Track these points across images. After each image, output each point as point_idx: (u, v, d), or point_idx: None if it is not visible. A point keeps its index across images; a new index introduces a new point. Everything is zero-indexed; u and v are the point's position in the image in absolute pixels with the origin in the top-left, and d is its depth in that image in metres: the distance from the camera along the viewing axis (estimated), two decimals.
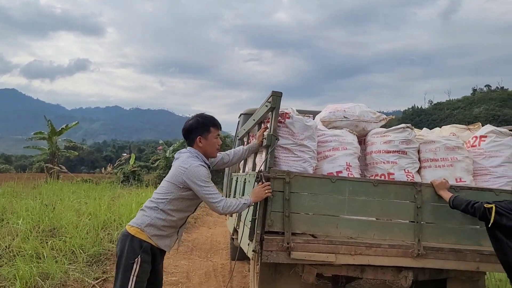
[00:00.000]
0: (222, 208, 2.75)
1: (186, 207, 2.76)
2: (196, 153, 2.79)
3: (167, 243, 2.75)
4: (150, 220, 2.64)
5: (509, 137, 3.66)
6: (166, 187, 2.72)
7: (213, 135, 2.85)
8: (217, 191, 2.77)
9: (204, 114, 2.94)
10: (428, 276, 3.50)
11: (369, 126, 3.84)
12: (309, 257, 3.02)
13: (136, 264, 2.56)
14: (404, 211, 3.22)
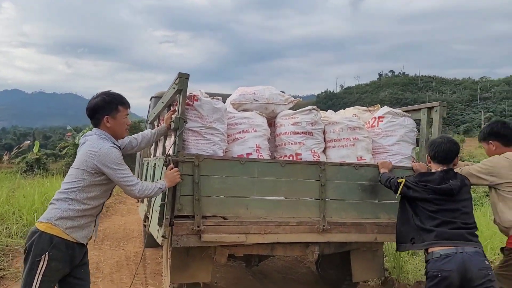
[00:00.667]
0: (138, 192, 2.59)
1: (101, 193, 2.55)
2: (104, 134, 2.58)
3: (84, 234, 2.51)
4: (61, 212, 2.40)
5: (403, 118, 3.97)
6: (75, 174, 2.48)
7: (122, 115, 2.64)
8: (132, 173, 2.64)
9: (110, 91, 2.69)
10: (333, 250, 3.73)
11: (278, 108, 3.93)
12: (220, 239, 3.04)
13: (43, 261, 2.32)
14: (310, 190, 3.36)
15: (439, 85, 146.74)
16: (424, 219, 2.68)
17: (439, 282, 2.48)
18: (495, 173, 2.91)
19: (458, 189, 2.66)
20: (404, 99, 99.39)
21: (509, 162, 2.91)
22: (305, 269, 5.27)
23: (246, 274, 4.98)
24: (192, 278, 3.50)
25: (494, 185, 2.95)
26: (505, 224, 2.89)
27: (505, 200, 2.90)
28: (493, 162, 2.96)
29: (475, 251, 2.49)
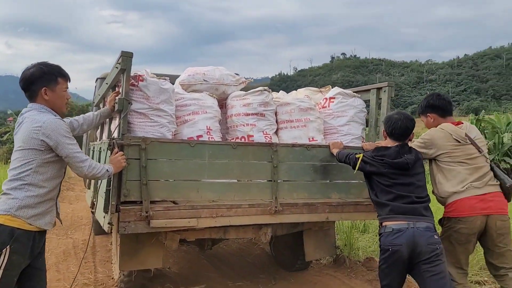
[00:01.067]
0: (87, 169, 2.40)
1: (56, 172, 2.34)
2: (44, 108, 2.34)
3: (48, 220, 2.30)
4: (20, 201, 2.16)
5: (353, 98, 4.00)
6: (23, 156, 2.24)
7: (62, 87, 2.40)
8: (81, 150, 2.47)
9: (48, 62, 2.45)
10: (286, 231, 3.74)
11: (229, 89, 3.84)
12: (170, 224, 2.95)
13: (4, 256, 2.12)
14: (262, 171, 3.33)
15: (388, 68, 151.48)
16: (379, 193, 2.73)
17: (389, 256, 2.56)
18: (434, 145, 2.98)
19: (412, 163, 2.70)
20: (356, 82, 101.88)
21: (444, 133, 2.97)
22: (259, 250, 5.29)
23: (200, 258, 4.93)
24: (142, 264, 3.40)
25: (434, 157, 3.02)
26: (442, 194, 2.96)
27: (443, 171, 2.97)
28: (430, 135, 3.04)
29: (426, 226, 2.55)
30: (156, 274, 4.08)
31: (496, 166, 3.06)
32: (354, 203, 3.56)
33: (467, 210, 2.83)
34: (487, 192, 2.87)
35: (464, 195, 2.86)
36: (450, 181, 2.94)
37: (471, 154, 2.95)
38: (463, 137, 2.96)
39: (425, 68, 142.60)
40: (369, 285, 3.92)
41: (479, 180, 2.88)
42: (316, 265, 4.67)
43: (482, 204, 2.83)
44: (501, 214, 2.86)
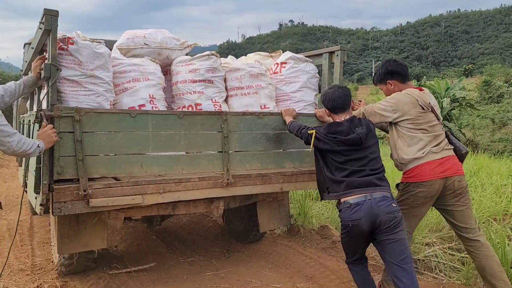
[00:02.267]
0: (16, 144, 2.19)
1: None
2: None
3: None
4: None
5: (305, 63, 3.83)
6: None
7: None
8: (8, 123, 2.15)
9: None
10: (239, 203, 3.59)
11: (173, 54, 3.53)
12: (112, 202, 2.70)
13: None
14: (212, 142, 3.12)
15: (335, 35, 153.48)
16: (334, 170, 2.63)
17: (350, 230, 2.52)
18: (399, 109, 2.91)
19: (365, 136, 2.61)
20: (304, 49, 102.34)
21: (410, 98, 2.91)
22: (212, 223, 5.14)
23: (149, 234, 4.70)
24: (85, 246, 3.15)
25: (396, 121, 2.96)
26: (402, 160, 2.93)
27: (404, 137, 2.93)
28: (396, 99, 2.96)
29: (382, 196, 2.49)
30: (102, 254, 3.83)
31: (450, 133, 3.08)
32: (308, 172, 3.45)
33: (427, 174, 2.83)
34: (444, 156, 2.89)
35: (423, 160, 2.85)
36: (411, 147, 2.89)
37: (431, 121, 2.93)
38: (428, 103, 2.92)
39: (370, 35, 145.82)
40: (323, 253, 3.89)
41: (437, 146, 2.89)
42: (271, 235, 4.60)
43: (441, 168, 2.85)
44: (458, 174, 2.90)
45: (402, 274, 2.42)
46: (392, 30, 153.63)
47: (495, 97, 29.16)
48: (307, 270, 3.60)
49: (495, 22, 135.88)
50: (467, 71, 56.39)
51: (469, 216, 2.93)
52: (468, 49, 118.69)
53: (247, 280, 3.44)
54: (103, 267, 3.61)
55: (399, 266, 2.43)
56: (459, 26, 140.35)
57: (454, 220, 2.95)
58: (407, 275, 2.41)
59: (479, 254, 2.88)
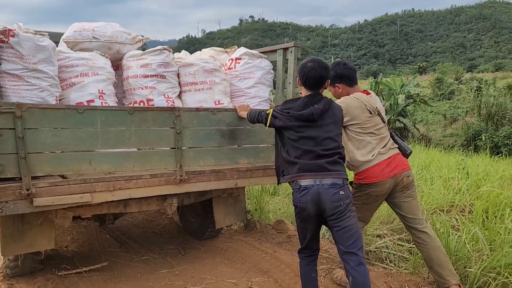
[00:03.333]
0: None
1: None
2: None
3: None
4: None
5: (260, 59, 3.84)
6: None
7: None
8: None
9: None
10: (194, 200, 3.56)
11: (124, 48, 3.43)
12: (59, 201, 2.60)
13: None
14: (164, 138, 3.06)
15: (295, 32, 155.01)
16: (290, 150, 2.60)
17: (299, 212, 2.57)
18: (349, 113, 2.96)
19: (319, 113, 2.55)
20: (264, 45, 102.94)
21: (359, 103, 2.98)
22: (168, 220, 5.07)
23: (102, 233, 4.58)
24: (30, 247, 3.03)
25: (346, 125, 3.02)
26: (353, 163, 3.02)
27: (353, 140, 3.01)
28: (346, 103, 3.01)
29: (331, 183, 2.49)
30: (50, 255, 3.70)
31: (395, 133, 3.19)
32: (263, 167, 3.47)
33: (377, 175, 2.94)
34: (391, 155, 3.00)
35: (373, 163, 2.95)
36: (360, 150, 2.98)
37: (378, 124, 3.02)
38: (375, 108, 3.02)
39: (330, 32, 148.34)
40: (279, 247, 3.93)
41: (384, 147, 3.00)
42: (227, 231, 4.59)
43: (389, 168, 2.96)
44: (406, 170, 3.03)
45: (350, 257, 2.48)
46: (350, 28, 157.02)
47: (446, 94, 30.51)
48: (263, 264, 3.62)
49: (447, 22, 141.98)
50: (421, 68, 58.67)
51: (416, 207, 3.07)
52: (422, 47, 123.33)
53: (202, 277, 3.42)
54: (51, 269, 3.48)
55: (348, 251, 2.49)
56: (414, 25, 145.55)
57: (403, 212, 3.07)
58: (354, 258, 2.47)
59: (426, 245, 3.00)
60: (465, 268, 3.23)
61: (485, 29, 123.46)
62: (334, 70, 3.14)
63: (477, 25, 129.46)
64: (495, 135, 14.87)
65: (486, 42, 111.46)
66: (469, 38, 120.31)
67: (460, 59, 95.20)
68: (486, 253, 3.34)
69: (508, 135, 14.22)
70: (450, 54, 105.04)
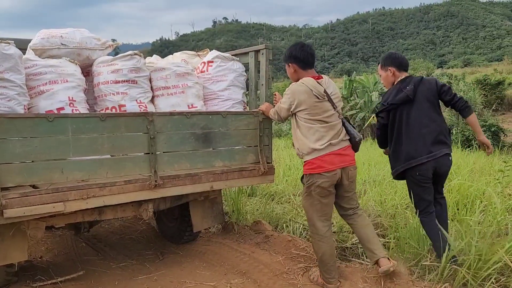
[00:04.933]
0: None
1: None
2: None
3: None
4: None
5: (232, 62, 3.86)
6: None
7: None
8: None
9: None
10: (170, 204, 3.55)
11: (94, 54, 3.40)
12: (30, 212, 2.56)
13: None
14: (138, 144, 3.05)
15: (269, 32, 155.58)
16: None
17: (424, 179, 3.33)
18: (295, 99, 3.03)
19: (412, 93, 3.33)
20: (239, 46, 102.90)
21: (304, 88, 3.02)
22: (145, 226, 5.03)
23: (78, 241, 4.51)
24: (3, 260, 2.96)
25: (294, 112, 3.09)
26: (302, 150, 3.09)
27: (302, 127, 3.07)
28: (291, 90, 3.09)
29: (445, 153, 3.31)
30: (24, 267, 3.62)
31: (346, 120, 3.25)
32: (238, 169, 3.49)
33: (328, 164, 3.02)
34: (342, 147, 3.10)
35: (324, 152, 3.03)
36: (308, 138, 3.05)
37: (327, 111, 3.07)
38: (322, 93, 3.05)
39: (303, 32, 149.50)
40: (257, 248, 3.95)
41: (336, 138, 3.07)
42: (205, 234, 4.59)
43: (339, 158, 3.07)
44: (352, 164, 3.17)
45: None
46: (323, 27, 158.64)
47: None
48: (241, 266, 3.64)
49: (416, 20, 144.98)
50: None
51: (353, 199, 3.28)
52: (393, 45, 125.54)
53: (181, 281, 3.41)
54: (26, 280, 3.41)
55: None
56: (385, 23, 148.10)
57: (342, 203, 3.25)
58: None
59: (356, 224, 3.26)
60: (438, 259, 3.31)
61: (453, 26, 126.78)
62: (290, 50, 3.22)
63: (446, 22, 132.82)
64: (466, 129, 15.28)
65: (455, 39, 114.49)
66: (438, 35, 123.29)
67: (431, 55, 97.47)
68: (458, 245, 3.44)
69: None
70: (421, 51, 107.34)
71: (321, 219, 3.10)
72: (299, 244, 3.80)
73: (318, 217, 3.10)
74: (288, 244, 3.85)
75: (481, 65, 50.49)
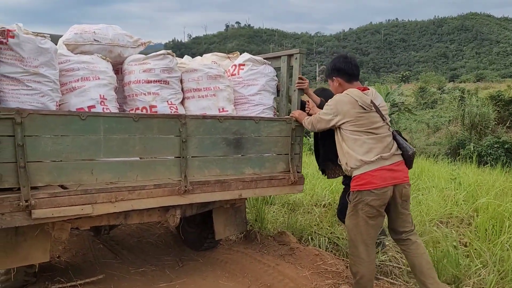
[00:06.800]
0: None
1: None
2: None
3: None
4: None
5: (264, 65, 3.74)
6: None
7: None
8: None
9: None
10: (196, 211, 3.43)
11: (125, 51, 3.29)
12: (58, 213, 2.45)
13: None
14: (169, 147, 2.93)
15: (281, 39, 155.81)
16: None
17: None
18: (339, 111, 2.88)
19: None
20: (250, 51, 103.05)
21: (349, 98, 2.87)
22: (163, 229, 4.90)
23: (96, 243, 4.39)
24: (24, 260, 2.84)
25: (339, 124, 2.92)
26: (351, 164, 2.88)
27: (348, 140, 2.89)
28: (335, 100, 2.94)
29: None
30: (43, 266, 3.50)
31: (398, 133, 3.03)
32: (268, 178, 3.36)
33: (379, 181, 2.79)
34: (394, 162, 2.87)
35: (374, 166, 2.81)
36: (356, 150, 2.86)
37: (376, 122, 2.88)
38: (369, 104, 2.87)
39: (315, 40, 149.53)
40: (281, 260, 3.80)
41: (387, 151, 2.85)
42: (226, 242, 4.45)
43: (391, 174, 2.82)
44: (406, 182, 2.91)
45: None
46: (335, 36, 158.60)
47: (429, 103, 30.88)
48: (265, 278, 3.50)
49: (429, 32, 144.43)
50: (404, 77, 59.38)
51: (408, 220, 2.99)
52: (405, 57, 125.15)
53: None
54: (44, 281, 3.30)
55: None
56: (397, 35, 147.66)
57: (395, 226, 3.00)
58: None
59: (410, 252, 2.96)
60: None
61: (467, 40, 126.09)
62: (333, 63, 3.09)
63: (459, 36, 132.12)
64: (478, 145, 15.04)
65: (468, 53, 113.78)
66: (451, 49, 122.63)
67: (443, 68, 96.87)
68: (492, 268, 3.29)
69: (491, 144, 14.38)
70: (432, 64, 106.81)
71: (365, 243, 2.85)
72: (327, 259, 3.66)
73: (362, 240, 2.85)
74: (315, 258, 3.71)
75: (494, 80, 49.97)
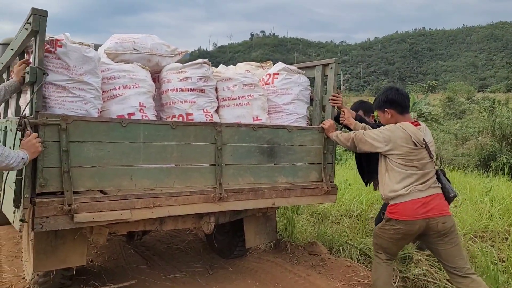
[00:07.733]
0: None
1: None
2: None
3: None
4: None
5: (298, 75, 3.76)
6: None
7: None
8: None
9: None
10: (229, 218, 3.45)
11: (163, 60, 3.36)
12: (99, 218, 2.50)
13: None
14: (205, 154, 2.97)
15: (305, 47, 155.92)
16: None
17: None
18: (392, 142, 2.84)
19: None
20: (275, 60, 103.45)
21: (404, 133, 2.84)
22: (192, 236, 4.94)
23: (127, 248, 4.46)
24: (63, 263, 2.92)
25: (387, 154, 2.90)
26: (387, 195, 2.89)
27: (392, 171, 2.86)
28: (390, 131, 2.89)
29: None
30: (78, 270, 3.55)
31: (442, 173, 2.96)
32: (301, 187, 3.36)
33: (409, 214, 2.78)
34: (429, 195, 2.81)
35: (407, 198, 2.79)
36: (398, 184, 2.83)
37: (423, 158, 2.84)
38: (421, 141, 2.84)
39: (340, 49, 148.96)
40: (312, 271, 3.77)
41: (423, 183, 2.81)
42: (255, 251, 4.45)
43: (423, 208, 2.77)
44: (443, 215, 2.79)
45: None
46: (360, 45, 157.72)
47: (457, 113, 30.24)
48: None
49: (458, 41, 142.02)
50: (431, 87, 58.43)
51: (457, 255, 2.80)
52: (432, 66, 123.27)
53: None
54: (79, 284, 3.37)
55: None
56: (424, 44, 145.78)
57: (441, 258, 2.89)
58: None
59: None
60: None
61: (497, 50, 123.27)
62: (385, 94, 3.03)
63: (489, 45, 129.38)
64: (510, 156, 14.58)
65: (498, 63, 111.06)
66: (480, 58, 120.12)
67: (471, 78, 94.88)
68: None
69: None
70: (460, 73, 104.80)
71: (387, 251, 2.97)
72: (359, 271, 3.61)
73: (385, 248, 2.96)
74: (347, 270, 3.66)
75: None
